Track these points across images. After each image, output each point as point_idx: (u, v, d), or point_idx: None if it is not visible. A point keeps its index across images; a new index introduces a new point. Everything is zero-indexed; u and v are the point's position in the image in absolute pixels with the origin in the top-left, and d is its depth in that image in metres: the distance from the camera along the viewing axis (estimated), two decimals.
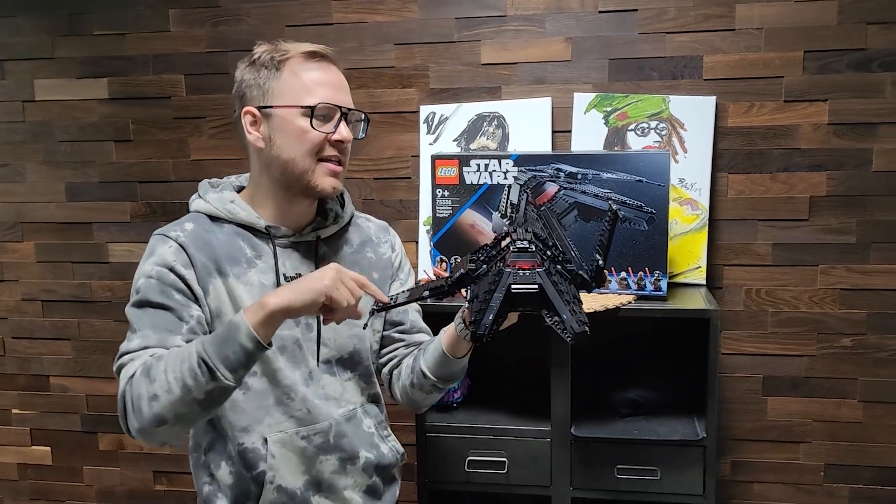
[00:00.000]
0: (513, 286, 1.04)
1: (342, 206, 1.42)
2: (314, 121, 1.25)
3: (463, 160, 1.81)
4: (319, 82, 1.26)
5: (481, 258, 1.16)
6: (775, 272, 2.00)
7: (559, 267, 1.11)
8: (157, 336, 1.20)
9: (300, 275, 1.31)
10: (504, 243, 1.16)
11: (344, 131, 1.27)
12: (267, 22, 2.13)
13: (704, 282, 1.96)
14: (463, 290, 1.18)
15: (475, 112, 2.07)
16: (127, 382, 1.15)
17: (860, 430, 2.04)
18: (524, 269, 1.06)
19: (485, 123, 2.06)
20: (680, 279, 1.96)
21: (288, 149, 1.26)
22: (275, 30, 2.13)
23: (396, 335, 1.47)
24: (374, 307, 1.21)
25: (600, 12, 1.99)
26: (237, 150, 2.19)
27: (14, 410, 2.46)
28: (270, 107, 1.26)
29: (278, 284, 1.29)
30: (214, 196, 1.33)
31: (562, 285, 1.07)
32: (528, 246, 1.11)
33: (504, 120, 2.05)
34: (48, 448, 2.47)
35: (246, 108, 1.28)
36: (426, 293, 1.17)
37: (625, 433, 1.78)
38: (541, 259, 1.09)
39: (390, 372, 1.47)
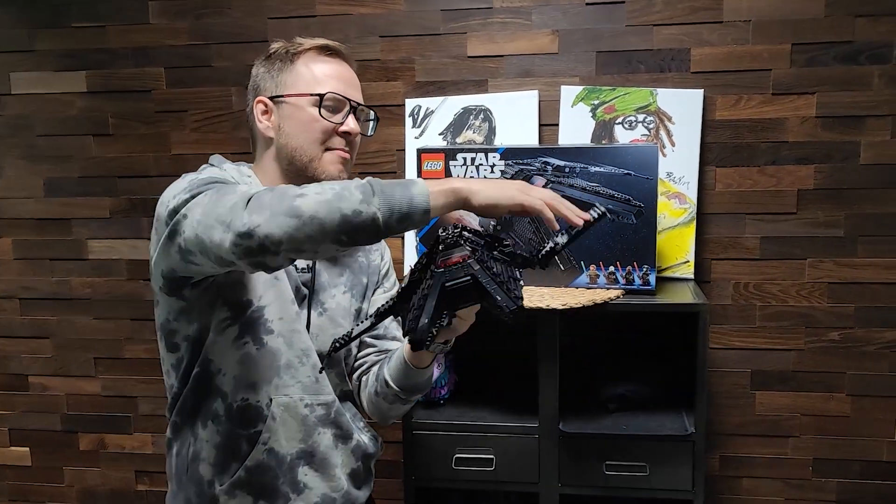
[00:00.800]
0: (446, 283, 1.01)
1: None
2: (323, 110, 1.28)
3: (449, 154, 1.79)
4: (331, 75, 1.30)
5: (414, 271, 1.13)
6: (763, 266, 2.00)
7: (496, 252, 1.08)
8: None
9: (309, 265, 1.34)
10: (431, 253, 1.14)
11: (352, 123, 1.30)
12: (250, 14, 2.10)
13: (692, 276, 1.95)
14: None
15: (461, 105, 2.05)
16: (249, 194, 1.03)
17: (848, 425, 2.03)
18: (455, 265, 1.03)
19: (471, 117, 2.04)
20: (668, 273, 1.95)
21: (296, 137, 1.29)
22: (258, 22, 2.10)
23: (369, 339, 1.47)
24: (333, 345, 1.16)
25: (587, 4, 1.97)
26: (220, 144, 2.16)
27: None
28: (282, 96, 1.29)
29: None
30: (231, 166, 1.33)
31: (497, 269, 1.04)
32: (454, 240, 1.08)
33: (490, 113, 2.03)
34: (27, 448, 2.42)
35: (258, 98, 1.32)
36: (373, 320, 1.14)
37: (613, 428, 1.76)
38: (471, 248, 1.06)
39: (359, 378, 1.47)
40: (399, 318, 1.16)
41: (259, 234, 0.99)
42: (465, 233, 1.10)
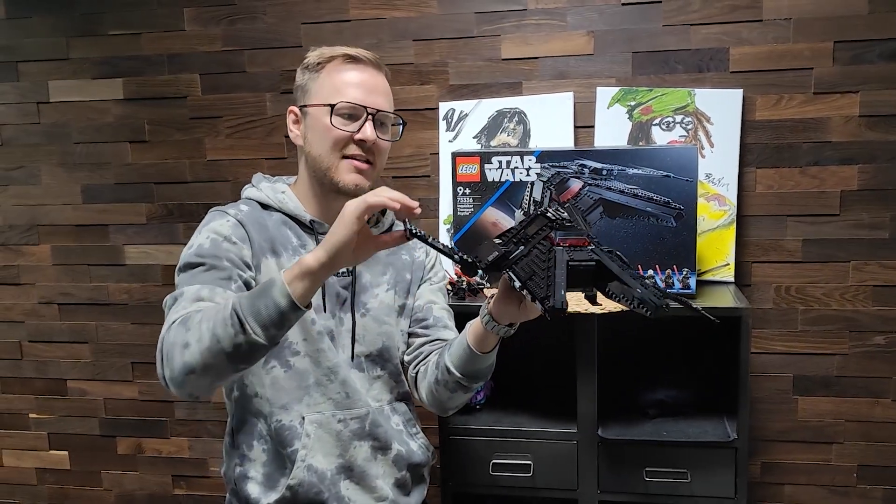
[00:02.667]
0: (570, 262, 0.99)
1: (383, 212, 1.44)
2: (336, 118, 1.29)
3: (484, 157, 1.77)
4: (351, 83, 1.31)
5: (513, 240, 1.11)
6: (805, 269, 1.96)
7: (602, 247, 1.06)
8: (207, 288, 1.19)
9: (349, 269, 1.36)
10: (532, 228, 1.12)
11: (367, 131, 1.30)
12: (283, 20, 2.11)
13: (733, 279, 1.91)
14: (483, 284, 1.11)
15: (495, 108, 2.03)
16: (167, 330, 1.13)
17: (895, 431, 1.98)
18: (576, 247, 1.02)
19: (505, 119, 2.03)
20: (708, 276, 1.91)
21: (316, 145, 1.31)
22: (291, 27, 2.10)
23: (420, 331, 1.46)
24: (410, 229, 1.09)
25: (623, 4, 1.95)
26: (254, 149, 2.17)
27: (31, 415, 2.44)
28: (306, 105, 1.33)
29: None
30: (267, 185, 1.38)
31: (619, 262, 1.02)
32: (571, 224, 1.07)
33: (525, 116, 2.02)
34: (66, 452, 2.45)
35: (290, 108, 1.37)
36: (457, 258, 1.08)
37: (654, 435, 1.74)
38: (588, 236, 1.05)
39: (416, 369, 1.45)
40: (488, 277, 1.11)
41: (177, 387, 1.10)
42: (566, 222, 1.09)
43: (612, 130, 1.97)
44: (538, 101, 2.01)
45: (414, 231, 1.06)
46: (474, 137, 2.04)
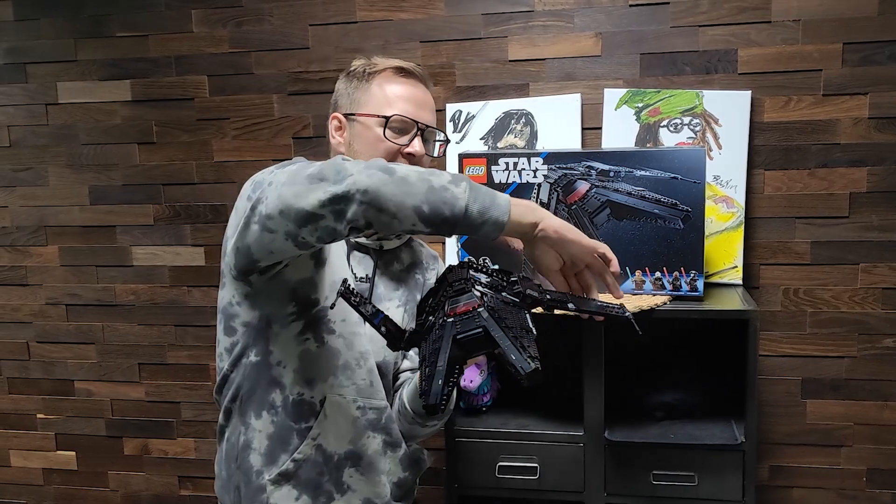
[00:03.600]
0: (458, 336, 0.98)
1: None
2: (388, 131, 1.31)
3: (491, 159, 1.77)
4: (402, 96, 1.33)
5: (427, 309, 1.10)
6: (814, 271, 1.95)
7: (504, 293, 1.04)
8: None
9: (368, 275, 1.37)
10: (446, 287, 1.10)
11: (417, 145, 1.33)
12: (290, 21, 2.11)
13: (741, 281, 1.91)
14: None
15: (502, 110, 2.03)
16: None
17: None
18: (465, 314, 1.00)
19: (512, 121, 2.02)
20: (716, 279, 1.91)
21: (363, 155, 1.31)
22: (298, 29, 2.10)
23: (410, 353, 1.47)
24: (341, 289, 1.11)
25: (630, 6, 1.94)
26: (261, 151, 2.17)
27: (39, 415, 2.45)
28: (354, 114, 1.34)
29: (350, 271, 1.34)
30: None
31: (509, 317, 1.00)
32: (462, 284, 1.05)
33: (532, 117, 2.01)
34: (73, 453, 2.46)
35: (333, 114, 1.37)
36: (382, 331, 1.08)
37: (661, 437, 1.73)
38: (480, 293, 1.03)
39: (395, 392, 1.46)
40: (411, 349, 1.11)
41: (349, 180, 1.03)
42: (472, 272, 1.07)
43: (619, 132, 1.96)
44: (545, 103, 2.01)
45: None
46: (481, 139, 2.04)
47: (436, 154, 1.42)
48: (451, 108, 2.05)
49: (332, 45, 2.10)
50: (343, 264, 1.33)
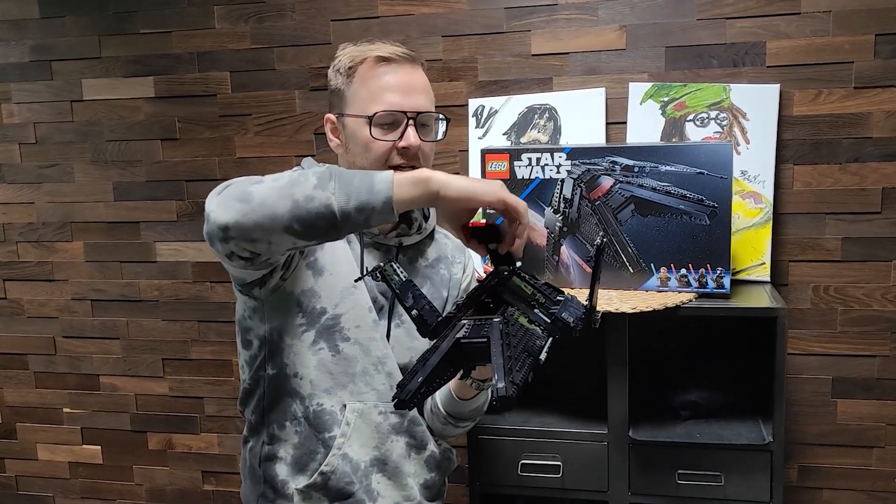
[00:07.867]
0: (461, 339, 0.93)
1: (426, 217, 1.40)
2: (376, 130, 1.23)
3: (514, 154, 1.75)
4: (386, 87, 1.24)
5: (471, 298, 1.05)
6: (845, 268, 1.90)
7: (537, 311, 0.97)
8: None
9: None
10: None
11: (410, 137, 1.24)
12: (311, 17, 2.10)
13: (769, 279, 1.87)
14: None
15: (525, 104, 2.01)
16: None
17: None
18: (483, 319, 0.96)
19: (535, 116, 2.00)
20: (743, 276, 1.87)
21: (360, 157, 1.26)
22: (320, 24, 2.09)
23: None
24: (374, 273, 1.07)
25: None
26: (283, 146, 2.17)
27: (65, 409, 2.47)
28: (343, 115, 1.28)
29: (361, 272, 1.28)
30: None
31: (518, 338, 0.94)
32: (502, 280, 1.02)
33: (556, 112, 1.99)
34: (99, 447, 2.48)
35: (327, 116, 1.32)
36: (414, 314, 1.04)
37: (686, 437, 1.70)
38: (505, 308, 0.99)
39: None
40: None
41: (211, 218, 1.03)
42: (516, 278, 1.02)
43: (644, 127, 1.93)
44: (569, 97, 1.98)
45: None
46: (504, 134, 2.02)
47: (439, 136, 1.32)
48: (473, 104, 2.04)
49: (353, 41, 2.08)
50: (352, 267, 1.29)
